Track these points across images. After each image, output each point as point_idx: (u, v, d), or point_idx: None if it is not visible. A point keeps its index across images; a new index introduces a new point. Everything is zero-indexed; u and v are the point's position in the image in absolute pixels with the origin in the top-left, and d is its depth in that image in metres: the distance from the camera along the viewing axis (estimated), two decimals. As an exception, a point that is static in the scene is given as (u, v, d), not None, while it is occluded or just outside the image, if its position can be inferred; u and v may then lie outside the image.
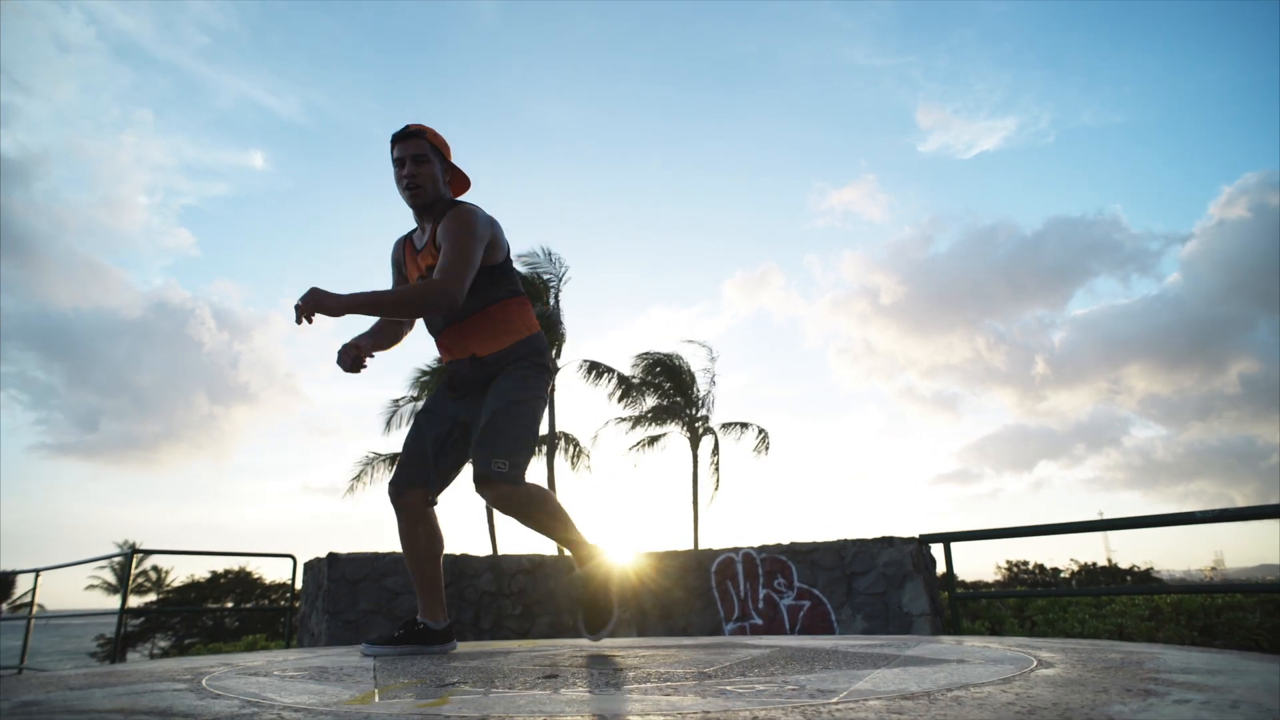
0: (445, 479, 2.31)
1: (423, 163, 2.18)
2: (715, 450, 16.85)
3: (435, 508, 2.30)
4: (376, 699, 1.23)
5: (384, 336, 2.37)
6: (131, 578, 6.91)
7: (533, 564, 6.83)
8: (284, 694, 1.30)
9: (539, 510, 2.17)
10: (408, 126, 2.20)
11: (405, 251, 2.37)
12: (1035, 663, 1.52)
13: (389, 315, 2.16)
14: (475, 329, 2.22)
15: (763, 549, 6.06)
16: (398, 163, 2.20)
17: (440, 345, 2.31)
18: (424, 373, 16.51)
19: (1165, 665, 1.43)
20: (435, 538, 2.28)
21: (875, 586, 5.58)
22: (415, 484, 2.24)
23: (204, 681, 1.49)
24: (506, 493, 2.09)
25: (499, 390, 2.18)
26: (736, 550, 6.16)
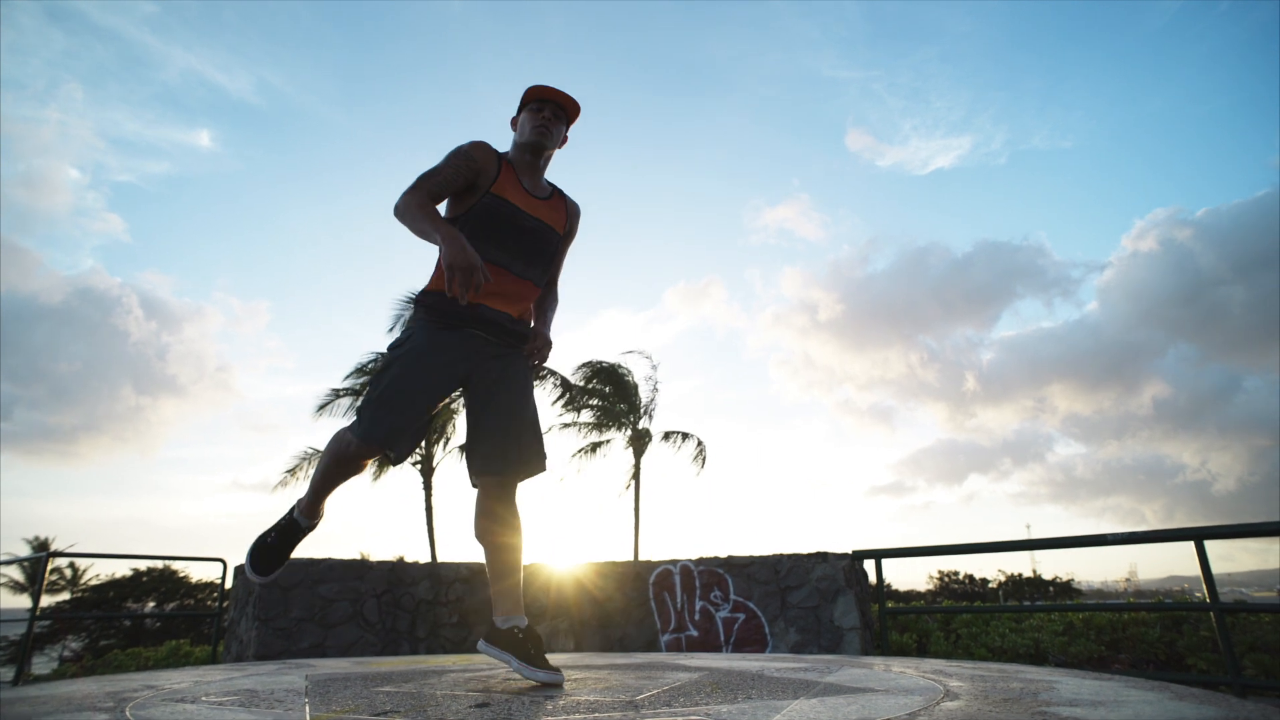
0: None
1: (561, 119, 2.27)
2: (638, 457, 16.99)
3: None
4: (307, 732, 1.24)
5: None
6: (47, 581, 6.61)
7: (470, 572, 6.79)
8: (212, 726, 1.30)
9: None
10: (565, 94, 2.27)
11: (509, 175, 2.18)
12: (943, 693, 1.62)
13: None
14: (531, 298, 2.22)
15: (700, 561, 6.16)
16: (538, 107, 2.23)
17: (497, 286, 2.09)
18: (362, 369, 16.17)
19: (1057, 696, 1.55)
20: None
21: (808, 600, 5.73)
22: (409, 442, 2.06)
23: (127, 710, 1.47)
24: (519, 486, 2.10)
25: (523, 382, 2.16)
26: (675, 562, 6.25)
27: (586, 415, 17.20)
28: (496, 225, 2.09)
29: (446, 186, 2.09)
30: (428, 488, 16.75)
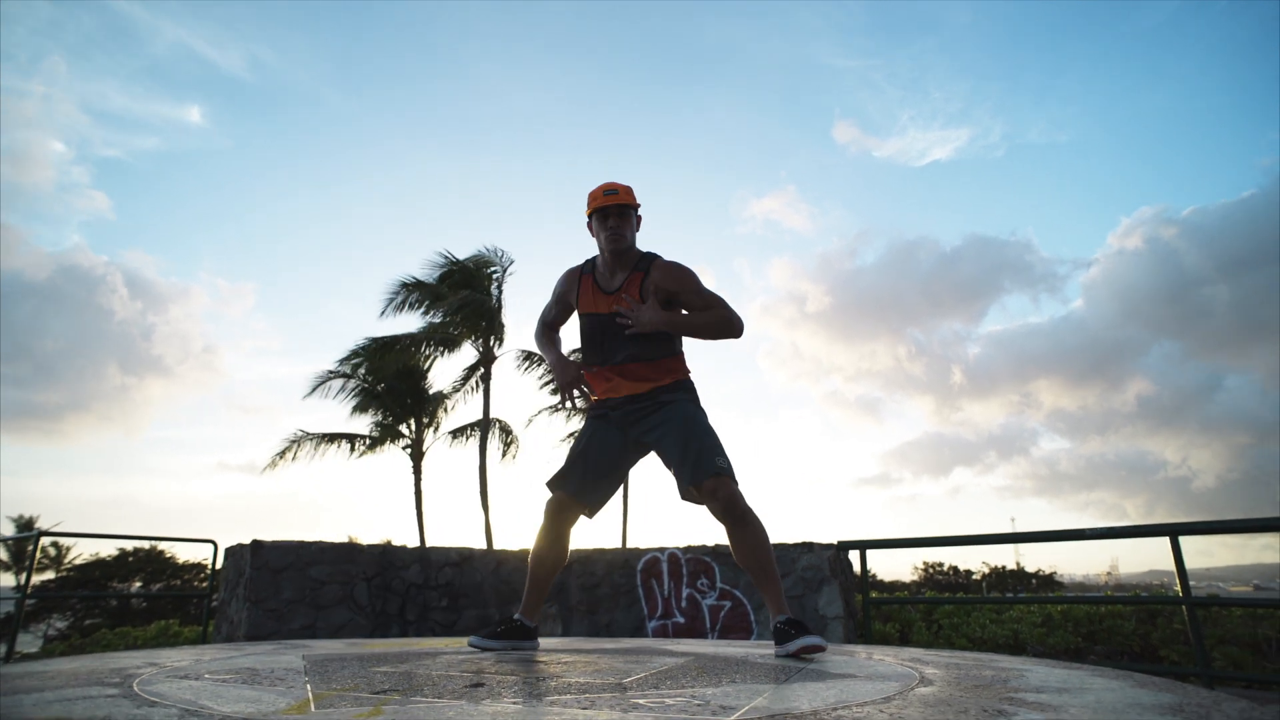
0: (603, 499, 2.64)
1: (625, 216, 2.52)
2: None
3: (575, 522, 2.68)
4: (312, 708, 1.30)
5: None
6: (36, 559, 6.63)
7: (460, 557, 6.85)
8: (221, 701, 1.35)
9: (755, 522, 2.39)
10: (614, 187, 2.54)
11: (586, 286, 2.60)
12: (918, 679, 1.70)
13: (696, 335, 2.47)
14: (654, 372, 2.51)
15: (688, 549, 6.25)
16: (601, 213, 2.51)
17: (613, 374, 2.52)
18: (355, 353, 16.11)
19: (1026, 684, 1.63)
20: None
21: (794, 589, 5.83)
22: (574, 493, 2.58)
23: (135, 685, 1.53)
24: (731, 486, 2.34)
25: (677, 411, 2.46)
26: (663, 550, 6.33)
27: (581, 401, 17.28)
28: (584, 336, 2.60)
29: (553, 318, 2.75)
30: (417, 472, 16.78)
